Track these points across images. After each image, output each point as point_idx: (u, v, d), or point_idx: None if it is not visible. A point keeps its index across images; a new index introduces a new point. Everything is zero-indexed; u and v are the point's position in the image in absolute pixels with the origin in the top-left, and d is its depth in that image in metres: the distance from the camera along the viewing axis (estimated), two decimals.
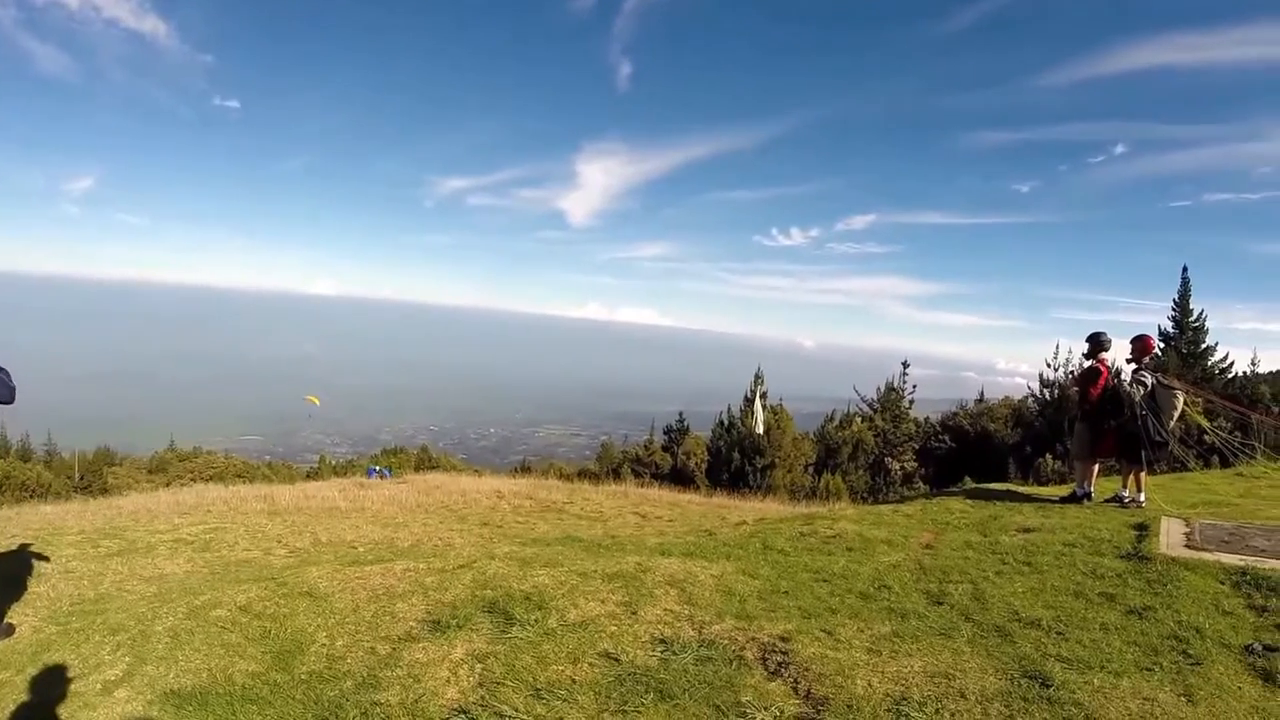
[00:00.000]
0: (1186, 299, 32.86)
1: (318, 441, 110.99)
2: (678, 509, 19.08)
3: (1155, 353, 11.02)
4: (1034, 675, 4.99)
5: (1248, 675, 5.05)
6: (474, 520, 15.36)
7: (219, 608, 6.70)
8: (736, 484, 31.14)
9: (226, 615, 6.54)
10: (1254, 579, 6.69)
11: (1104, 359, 10.87)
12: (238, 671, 5.59)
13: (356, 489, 19.31)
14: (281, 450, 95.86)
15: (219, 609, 6.68)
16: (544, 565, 7.66)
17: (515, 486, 21.49)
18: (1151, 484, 11.15)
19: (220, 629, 6.27)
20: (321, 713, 5.01)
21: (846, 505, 15.48)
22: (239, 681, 5.45)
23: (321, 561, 9.16)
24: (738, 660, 5.35)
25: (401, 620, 6.35)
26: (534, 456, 62.91)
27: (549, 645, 5.66)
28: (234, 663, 5.71)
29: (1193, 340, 32.31)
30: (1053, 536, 8.55)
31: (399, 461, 42.87)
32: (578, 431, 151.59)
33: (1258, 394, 29.43)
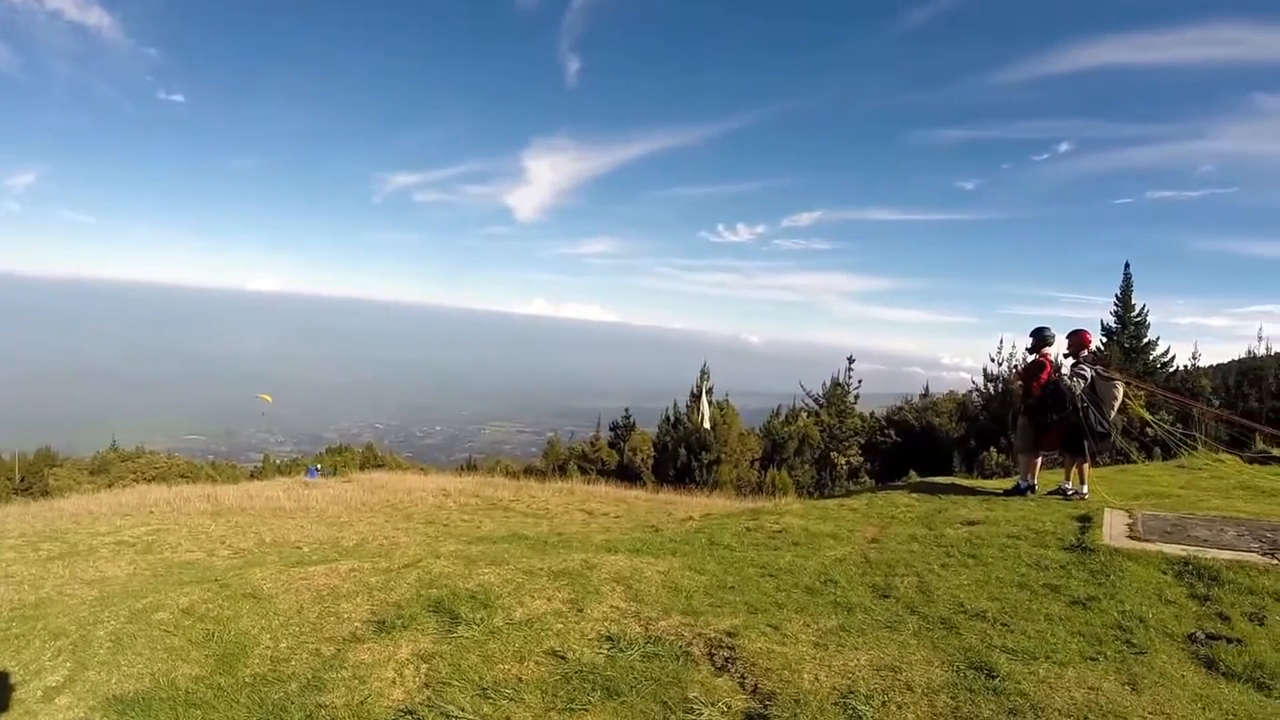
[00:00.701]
0: (1128, 294, 33.46)
1: (261, 440, 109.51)
2: (624, 505, 19.05)
3: (1093, 347, 11.20)
4: (979, 666, 4.98)
5: (1191, 663, 5.11)
6: (419, 519, 15.24)
7: (161, 611, 6.52)
8: (683, 480, 31.16)
9: (169, 618, 6.37)
10: (1196, 569, 6.80)
11: (1047, 354, 11.05)
12: (181, 676, 5.42)
13: (301, 488, 19.12)
14: (225, 449, 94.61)
15: (161, 612, 6.49)
16: (490, 563, 7.55)
17: (461, 484, 21.36)
18: (1095, 476, 11.31)
19: (163, 632, 6.10)
20: (266, 716, 4.87)
21: (792, 500, 15.51)
22: (182, 686, 5.29)
23: (265, 562, 9.02)
24: (684, 656, 5.28)
25: (346, 621, 6.21)
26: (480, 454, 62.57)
27: (495, 644, 5.56)
28: (177, 667, 5.55)
29: (1135, 334, 32.92)
30: (997, 529, 8.62)
31: (344, 460, 42.40)
32: (524, 428, 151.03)
33: (1199, 387, 30.07)
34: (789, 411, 38.37)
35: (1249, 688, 4.76)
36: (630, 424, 38.57)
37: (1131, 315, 33.26)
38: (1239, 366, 34.58)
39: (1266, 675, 4.85)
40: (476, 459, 48.04)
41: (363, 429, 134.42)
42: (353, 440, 72.50)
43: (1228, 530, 8.29)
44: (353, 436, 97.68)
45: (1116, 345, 32.20)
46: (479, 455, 56.56)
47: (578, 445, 40.24)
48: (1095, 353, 12.21)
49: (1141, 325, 33.19)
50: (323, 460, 41.67)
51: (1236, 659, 5.08)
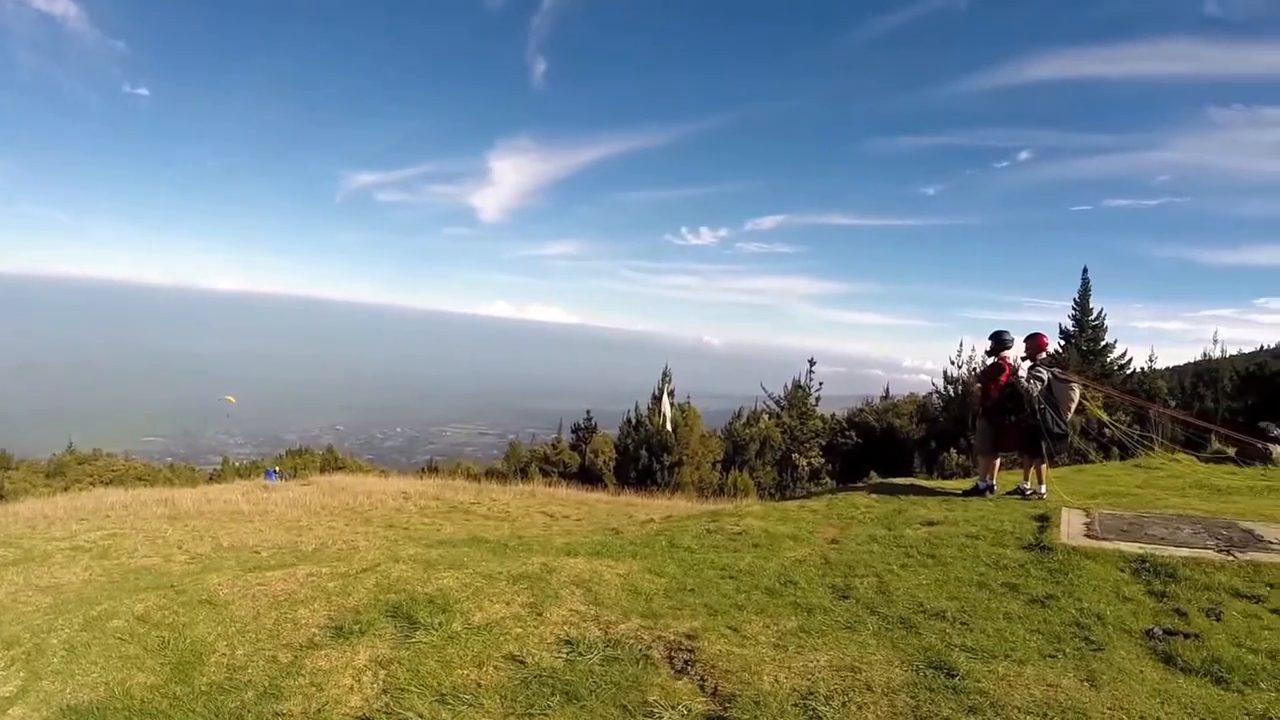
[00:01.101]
0: (1086, 298, 33.95)
1: (220, 442, 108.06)
2: (585, 508, 18.99)
3: (1050, 350, 11.32)
4: (939, 665, 4.98)
5: (1149, 659, 5.15)
6: (379, 522, 15.08)
7: (116, 618, 6.38)
8: (644, 482, 31.12)
9: (124, 626, 6.23)
10: (1153, 566, 6.86)
11: (1006, 357, 11.16)
12: (136, 684, 5.30)
13: (260, 491, 18.88)
14: (183, 452, 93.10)
15: (116, 619, 6.36)
16: (449, 567, 7.46)
17: (422, 487, 21.18)
18: (1053, 476, 11.42)
19: (118, 640, 5.97)
20: None
21: (753, 502, 15.54)
22: (137, 695, 5.17)
23: (223, 567, 8.84)
24: (644, 659, 5.24)
25: (304, 627, 6.10)
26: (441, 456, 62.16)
27: (453, 649, 5.49)
28: (132, 675, 5.42)
29: (1092, 338, 33.40)
30: (956, 529, 8.65)
31: (304, 462, 41.98)
32: (485, 430, 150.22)
33: (1155, 389, 30.59)
34: (750, 413, 38.48)
35: (1206, 682, 4.79)
36: (592, 426, 38.51)
37: (1089, 319, 33.75)
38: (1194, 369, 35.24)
39: (1224, 669, 4.89)
40: (438, 461, 47.76)
41: (323, 431, 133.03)
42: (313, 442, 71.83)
43: (1184, 528, 8.39)
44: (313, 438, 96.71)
45: (1075, 348, 32.65)
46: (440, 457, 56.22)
47: (539, 447, 40.12)
48: (1052, 356, 12.37)
49: (1099, 329, 33.69)
50: (282, 463, 41.25)
51: (1194, 654, 5.12)
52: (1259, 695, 4.59)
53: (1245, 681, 4.75)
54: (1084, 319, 33.79)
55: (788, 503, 12.08)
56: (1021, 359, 11.16)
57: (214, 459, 63.04)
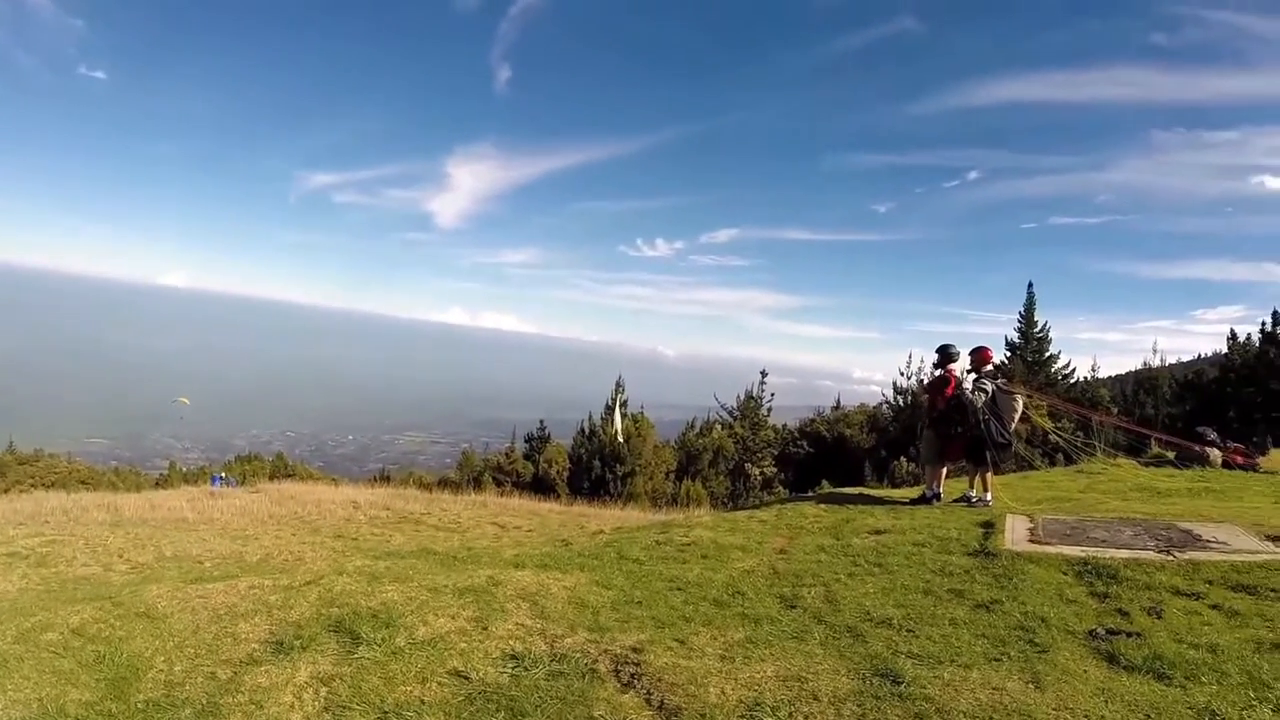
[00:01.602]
0: (1031, 311, 34.63)
1: (168, 446, 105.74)
2: (537, 519, 18.88)
3: (994, 363, 11.53)
4: (885, 673, 4.99)
5: (1092, 659, 5.22)
6: (327, 532, 14.86)
7: (51, 630, 6.17)
8: (598, 492, 31.05)
9: (59, 639, 6.03)
10: (1095, 568, 6.96)
11: (952, 369, 11.38)
12: (70, 701, 5.11)
13: (206, 499, 18.50)
14: (129, 455, 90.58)
15: (51, 632, 6.15)
16: (394, 580, 7.36)
17: (372, 497, 20.92)
18: (999, 483, 11.58)
19: (52, 654, 5.77)
20: None
21: (703, 512, 15.58)
22: (71, 712, 4.99)
23: (164, 578, 8.68)
24: (590, 674, 5.19)
25: (244, 642, 5.96)
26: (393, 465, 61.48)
27: (397, 665, 5.40)
28: (66, 692, 5.23)
29: (1037, 349, 34.05)
30: (903, 537, 8.71)
31: (253, 469, 41.32)
32: (439, 439, 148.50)
33: (1098, 397, 31.21)
34: (703, 424, 38.64)
35: (1149, 679, 4.86)
36: (545, 436, 38.41)
37: (1034, 331, 34.41)
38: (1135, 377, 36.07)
39: (1166, 666, 4.97)
40: (389, 470, 47.32)
41: (273, 437, 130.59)
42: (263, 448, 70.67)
43: (1125, 530, 8.53)
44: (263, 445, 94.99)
45: (1020, 359, 33.21)
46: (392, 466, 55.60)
47: (493, 457, 39.92)
48: (996, 368, 12.56)
49: (1044, 340, 34.37)
50: (230, 469, 40.54)
51: (1136, 652, 5.19)
52: (1201, 689, 4.67)
53: (1187, 676, 4.83)
54: (1029, 331, 34.44)
55: (737, 513, 12.09)
56: (966, 371, 11.35)
57: (160, 463, 61.87)
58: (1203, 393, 32.09)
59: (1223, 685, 4.71)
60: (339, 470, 61.32)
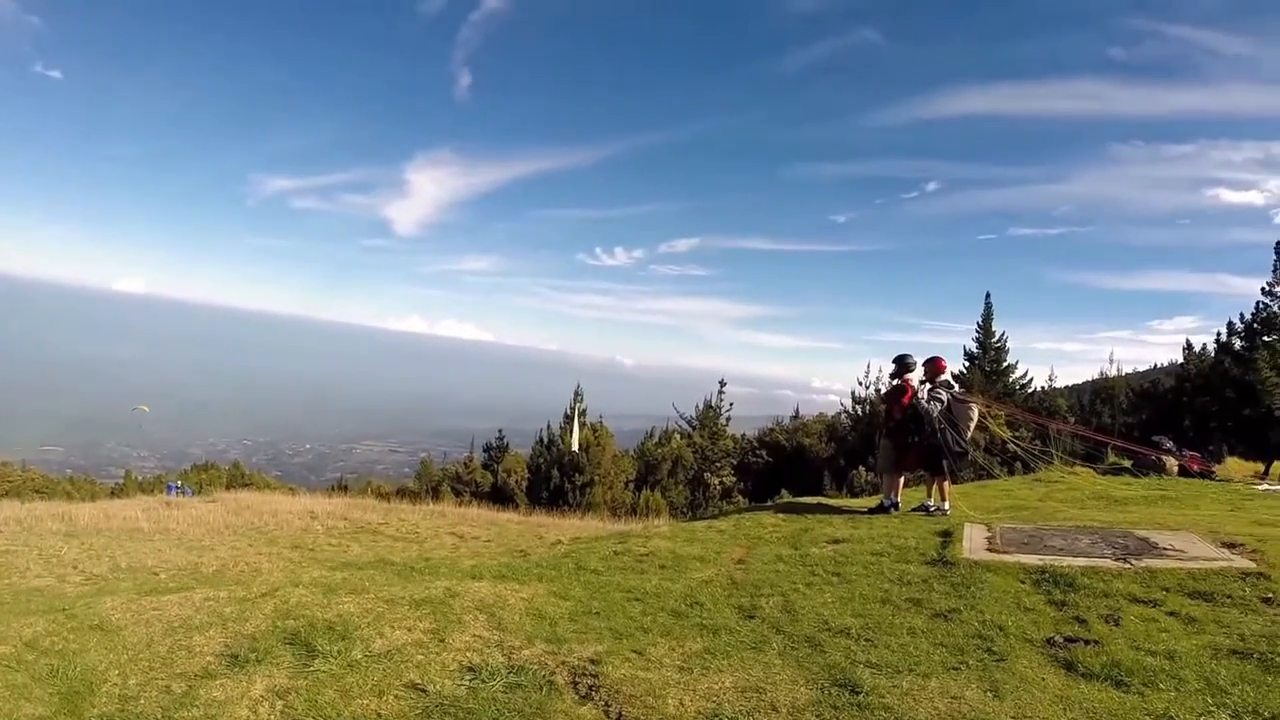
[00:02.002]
0: (989, 321, 34.94)
1: (124, 455, 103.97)
2: (496, 529, 18.76)
3: (948, 373, 11.68)
4: (844, 683, 4.97)
5: (1051, 667, 5.22)
6: (284, 543, 14.64)
7: (3, 643, 5.97)
8: (556, 502, 30.91)
9: (11, 652, 5.84)
10: (1053, 576, 6.99)
11: (909, 379, 11.47)
12: (23, 715, 4.94)
13: (161, 508, 18.18)
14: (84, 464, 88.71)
15: (3, 645, 5.95)
16: (350, 592, 7.23)
17: (330, 506, 20.67)
18: (957, 492, 11.64)
19: (4, 668, 5.58)
20: None
21: (662, 522, 15.57)
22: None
23: (119, 590, 8.47)
24: (548, 685, 5.12)
25: (199, 655, 5.81)
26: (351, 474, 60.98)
27: (353, 678, 5.29)
28: (19, 706, 5.06)
29: (995, 359, 34.37)
30: (861, 547, 8.71)
31: (209, 478, 40.79)
32: (397, 448, 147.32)
33: (1055, 406, 31.60)
34: (662, 433, 38.62)
35: (1108, 686, 4.88)
36: (504, 445, 38.25)
37: (992, 341, 34.73)
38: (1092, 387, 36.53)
39: (1124, 673, 4.99)
40: (347, 479, 46.90)
41: (230, 445, 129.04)
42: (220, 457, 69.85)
43: (1082, 538, 8.58)
44: (219, 453, 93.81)
45: (979, 369, 33.52)
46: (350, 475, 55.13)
47: (451, 466, 39.70)
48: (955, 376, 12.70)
49: (1002, 350, 34.69)
50: (187, 478, 39.97)
51: (1094, 659, 5.21)
52: (1159, 695, 4.69)
53: (1145, 683, 4.84)
54: (987, 341, 34.76)
55: (696, 523, 12.07)
56: (922, 381, 11.48)
57: (116, 472, 60.86)
58: (1159, 402, 32.58)
59: (1180, 691, 4.73)
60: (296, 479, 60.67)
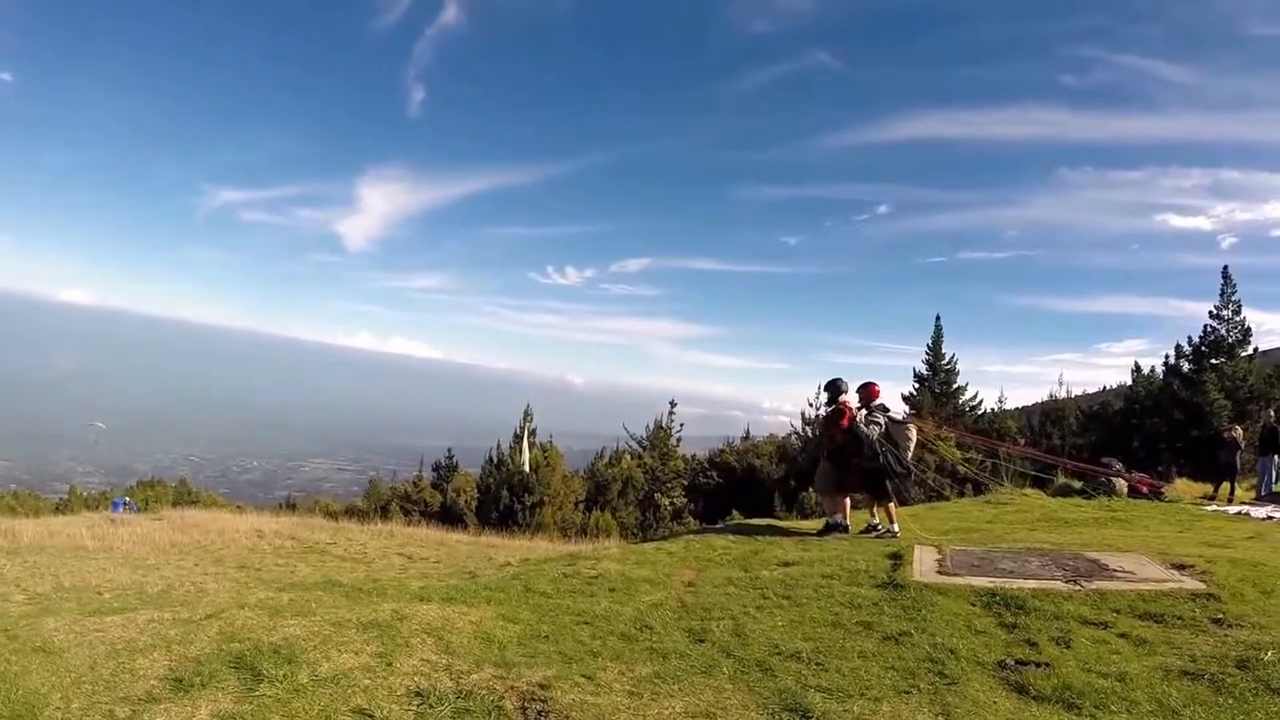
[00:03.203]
0: (939, 344, 35.38)
1: (68, 469, 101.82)
2: (445, 549, 18.64)
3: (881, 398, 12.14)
4: (794, 708, 4.91)
5: (1002, 689, 5.20)
6: (231, 563, 14.42)
7: None
8: (506, 522, 30.76)
9: None
10: (1003, 599, 6.98)
11: (846, 401, 11.71)
12: None
13: (106, 525, 17.90)
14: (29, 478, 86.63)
15: None
16: (296, 614, 7.07)
17: (277, 525, 20.43)
18: (907, 514, 11.71)
19: None
20: None
21: (612, 544, 15.53)
22: None
23: (62, 610, 8.22)
24: (496, 711, 5.01)
25: (142, 678, 5.61)
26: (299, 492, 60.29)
27: (299, 703, 5.13)
28: None
29: (945, 381, 34.79)
30: (811, 569, 8.67)
31: (155, 495, 40.07)
32: (345, 466, 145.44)
33: (1005, 428, 31.97)
34: (613, 454, 38.64)
35: (1059, 708, 4.87)
36: (454, 464, 38.07)
37: (942, 363, 35.16)
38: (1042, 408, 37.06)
39: (1075, 695, 4.98)
40: (295, 498, 46.42)
41: (176, 461, 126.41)
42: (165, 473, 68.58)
43: (1032, 560, 8.62)
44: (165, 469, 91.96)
45: (929, 391, 33.89)
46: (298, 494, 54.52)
47: (400, 485, 39.46)
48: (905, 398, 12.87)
49: (952, 372, 35.14)
50: (133, 494, 39.20)
51: (1045, 682, 5.20)
52: (1111, 718, 4.70)
53: (1096, 705, 4.84)
54: (937, 363, 35.19)
55: (646, 545, 12.01)
56: (858, 407, 11.71)
57: (61, 487, 59.65)
58: (1108, 423, 33.17)
59: (1132, 714, 4.74)
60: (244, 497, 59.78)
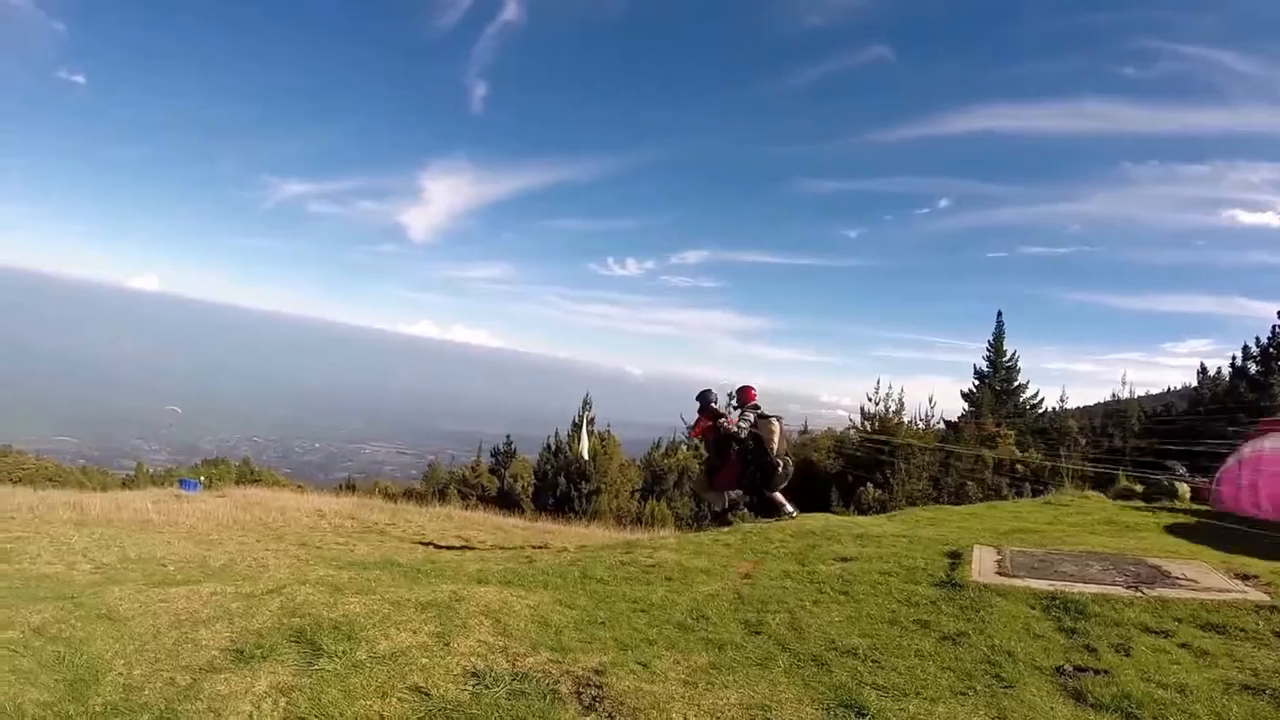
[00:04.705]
0: (1000, 340, 34.78)
1: (135, 447, 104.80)
2: (501, 533, 18.77)
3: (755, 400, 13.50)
4: (850, 704, 4.89)
5: (1059, 695, 5.11)
6: (292, 540, 14.64)
7: (11, 629, 5.96)
8: (562, 509, 30.93)
9: (19, 637, 5.82)
10: (1063, 603, 6.85)
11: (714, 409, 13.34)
12: (28, 701, 4.90)
13: (172, 501, 18.28)
14: (97, 454, 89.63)
15: (11, 630, 5.93)
16: (357, 592, 7.20)
17: (337, 505, 20.74)
18: (967, 511, 11.57)
19: (11, 653, 5.55)
20: None
21: (668, 533, 15.55)
22: (29, 712, 4.78)
23: (126, 580, 8.43)
24: (552, 694, 5.05)
25: (204, 648, 5.77)
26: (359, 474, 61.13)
27: (357, 678, 5.24)
28: (24, 691, 5.02)
29: (1006, 378, 34.21)
30: (869, 565, 8.60)
31: (220, 473, 40.98)
32: (405, 450, 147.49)
33: (1066, 428, 31.30)
34: (669, 444, 38.56)
35: (1117, 717, 4.78)
36: (512, 450, 38.30)
37: (1003, 360, 34.58)
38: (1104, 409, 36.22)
39: (1133, 705, 4.88)
40: (355, 479, 47.06)
41: (240, 442, 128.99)
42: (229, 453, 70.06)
43: (1093, 564, 8.46)
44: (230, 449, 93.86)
45: (988, 388, 33.36)
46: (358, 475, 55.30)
47: (459, 469, 39.78)
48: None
49: (1013, 370, 34.54)
50: (197, 472, 40.11)
51: (1104, 690, 5.10)
52: None
53: (1155, 716, 4.74)
54: (998, 360, 34.61)
55: (701, 535, 12.02)
56: (734, 408, 13.24)
57: (128, 464, 61.30)
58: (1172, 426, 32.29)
59: None
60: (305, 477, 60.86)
